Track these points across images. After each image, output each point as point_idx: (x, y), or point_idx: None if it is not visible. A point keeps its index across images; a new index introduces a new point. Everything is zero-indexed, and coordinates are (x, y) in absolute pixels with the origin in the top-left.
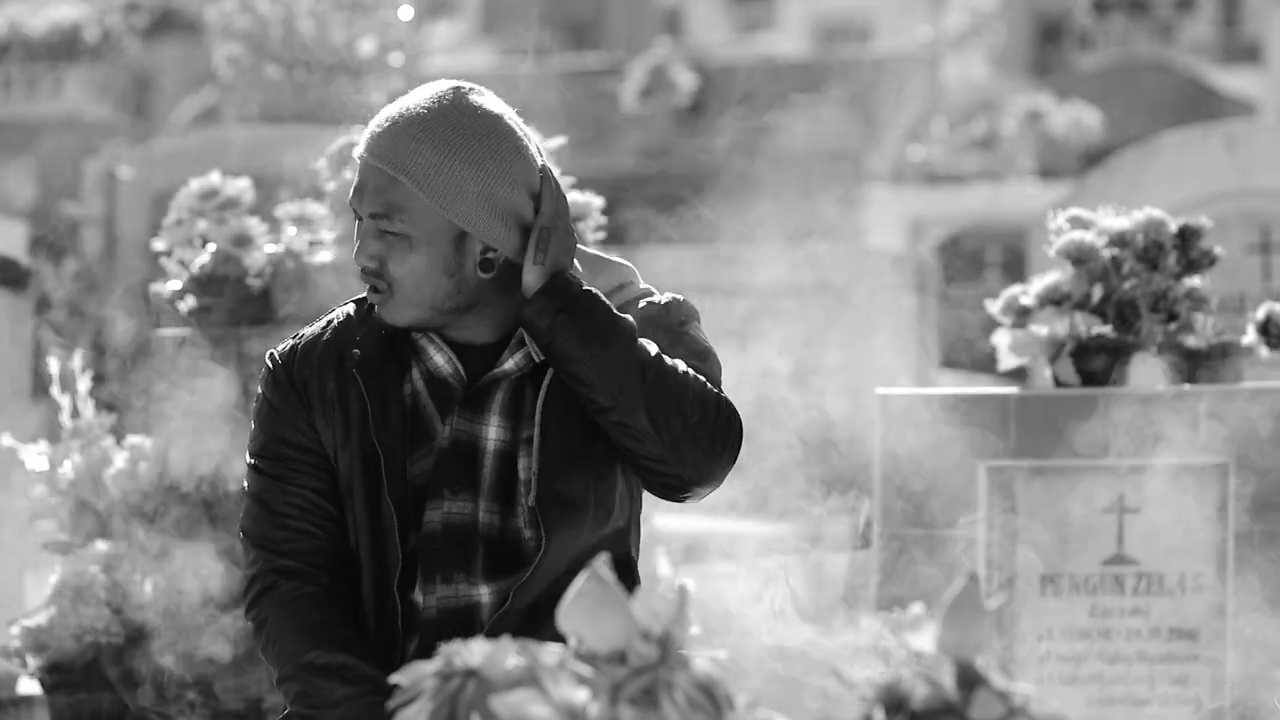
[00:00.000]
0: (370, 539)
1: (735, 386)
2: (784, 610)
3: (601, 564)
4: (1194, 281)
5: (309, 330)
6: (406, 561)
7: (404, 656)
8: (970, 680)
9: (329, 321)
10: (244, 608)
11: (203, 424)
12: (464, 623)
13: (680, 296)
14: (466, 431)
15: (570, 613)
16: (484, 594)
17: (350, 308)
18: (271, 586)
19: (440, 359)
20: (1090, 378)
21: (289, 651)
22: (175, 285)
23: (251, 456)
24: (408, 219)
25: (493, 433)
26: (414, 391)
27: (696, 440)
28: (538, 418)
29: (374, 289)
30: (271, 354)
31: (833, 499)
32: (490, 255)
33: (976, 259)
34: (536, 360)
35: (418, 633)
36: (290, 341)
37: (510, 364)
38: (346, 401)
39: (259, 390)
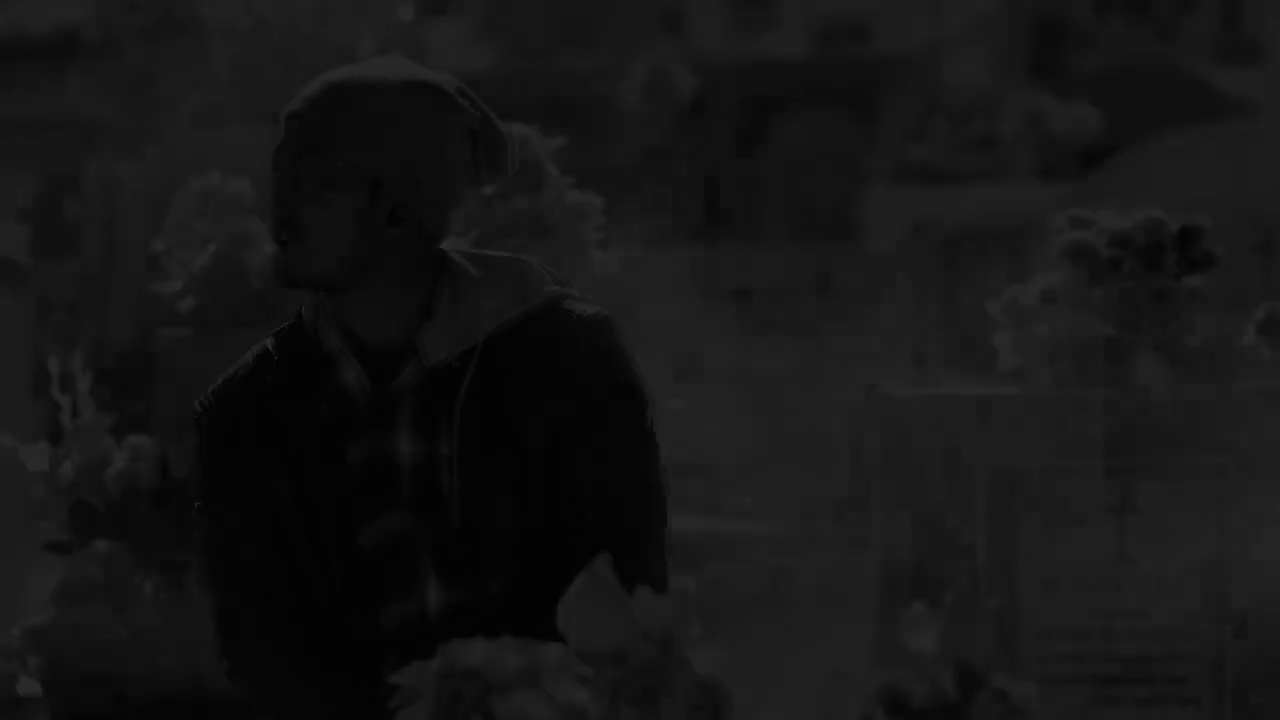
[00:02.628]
0: (312, 559)
1: (737, 386)
2: None
3: (602, 563)
4: (1194, 281)
5: (229, 370)
6: (352, 578)
7: (375, 674)
8: (971, 680)
9: (247, 357)
10: (218, 649)
11: None
12: (424, 634)
13: (606, 312)
14: (381, 449)
15: (570, 613)
16: (435, 603)
17: (269, 341)
18: (239, 619)
19: (350, 375)
20: (1090, 378)
21: (268, 678)
22: (175, 285)
23: (199, 500)
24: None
25: (406, 447)
26: (331, 409)
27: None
28: (454, 446)
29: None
30: (199, 400)
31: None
32: (400, 211)
33: (977, 259)
34: (428, 365)
35: (383, 651)
36: (213, 386)
37: (406, 377)
38: (269, 431)
39: (194, 439)
